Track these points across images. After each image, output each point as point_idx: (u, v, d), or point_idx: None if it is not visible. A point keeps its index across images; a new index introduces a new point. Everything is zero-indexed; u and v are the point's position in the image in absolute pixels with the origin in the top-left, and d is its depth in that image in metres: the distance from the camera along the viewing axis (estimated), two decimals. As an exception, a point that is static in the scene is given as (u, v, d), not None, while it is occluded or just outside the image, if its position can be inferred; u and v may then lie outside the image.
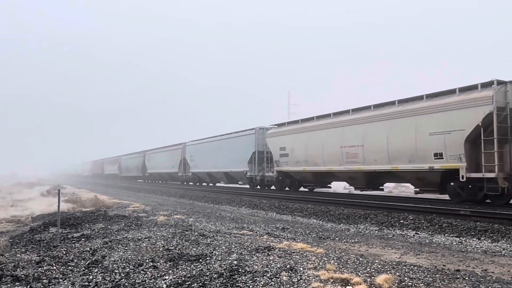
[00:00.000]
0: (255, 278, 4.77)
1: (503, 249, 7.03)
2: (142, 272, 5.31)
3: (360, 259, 5.85)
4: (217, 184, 33.14)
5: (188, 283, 4.76)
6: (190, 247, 6.72)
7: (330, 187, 21.89)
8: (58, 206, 8.62)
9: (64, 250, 6.86)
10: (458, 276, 4.87)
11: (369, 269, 5.18)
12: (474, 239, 7.98)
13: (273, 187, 24.30)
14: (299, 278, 4.73)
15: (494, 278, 4.83)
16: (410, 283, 4.50)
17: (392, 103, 15.76)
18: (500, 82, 12.40)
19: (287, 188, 23.05)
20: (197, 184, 34.98)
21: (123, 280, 4.99)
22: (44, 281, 5.09)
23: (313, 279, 4.66)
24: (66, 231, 9.11)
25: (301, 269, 5.13)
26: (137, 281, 4.93)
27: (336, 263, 5.49)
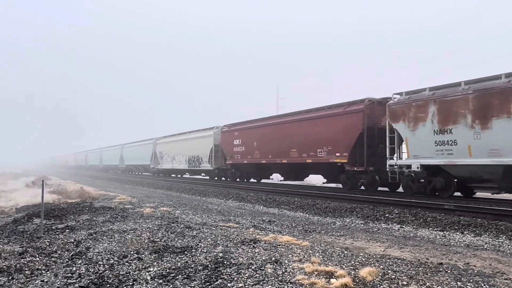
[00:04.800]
0: (240, 270, 4.77)
1: (485, 243, 7.14)
2: (126, 263, 5.28)
3: (345, 252, 5.89)
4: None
5: (172, 275, 4.74)
6: (176, 239, 6.69)
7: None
8: (42, 197, 8.52)
9: (47, 241, 6.79)
10: (441, 269, 4.93)
11: (353, 262, 5.22)
12: (458, 233, 8.10)
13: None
14: (284, 270, 4.74)
15: (475, 271, 4.90)
16: (393, 276, 4.54)
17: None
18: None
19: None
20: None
21: (107, 271, 4.96)
22: (27, 272, 5.03)
23: (297, 272, 4.68)
24: (50, 222, 9.00)
25: (286, 261, 5.14)
26: (121, 272, 4.90)
27: (321, 256, 5.52)
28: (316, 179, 26.33)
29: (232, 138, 25.59)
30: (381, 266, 4.98)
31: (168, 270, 4.91)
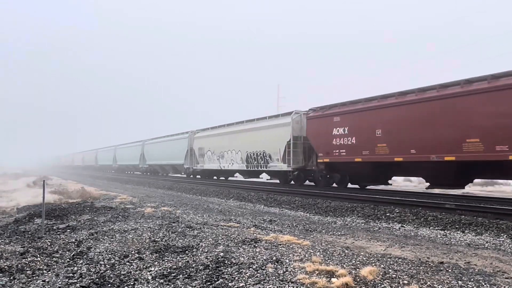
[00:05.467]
0: (241, 270, 4.77)
1: (486, 242, 7.14)
2: (127, 263, 5.29)
3: (346, 251, 5.89)
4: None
5: (173, 274, 4.75)
6: (177, 238, 6.70)
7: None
8: (43, 197, 8.53)
9: (48, 241, 6.80)
10: (442, 268, 4.93)
11: (354, 261, 5.22)
12: (459, 232, 8.10)
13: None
14: (284, 270, 4.75)
15: (476, 270, 4.91)
16: (394, 275, 4.55)
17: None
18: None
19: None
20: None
21: (108, 271, 4.96)
22: (28, 272, 5.04)
23: (298, 271, 4.68)
24: (51, 222, 9.01)
25: (287, 261, 5.15)
26: (122, 272, 4.91)
27: (322, 255, 5.53)
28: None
29: (330, 126, 17.61)
30: (382, 265, 4.98)
31: (169, 270, 4.92)
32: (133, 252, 5.83)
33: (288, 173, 20.82)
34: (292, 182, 21.64)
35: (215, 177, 30.64)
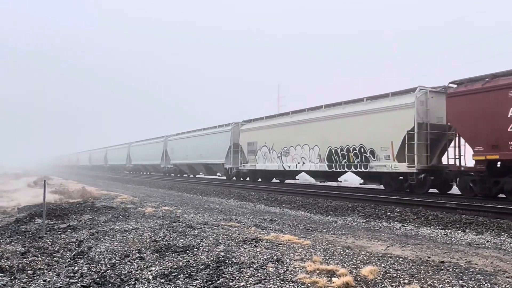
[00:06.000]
0: (241, 269, 4.78)
1: (487, 241, 7.14)
2: (128, 263, 5.29)
3: (347, 250, 5.89)
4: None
5: (174, 274, 4.75)
6: (178, 238, 6.70)
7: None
8: (44, 197, 8.54)
9: (49, 241, 6.81)
10: (442, 267, 4.93)
11: (355, 261, 5.22)
12: (459, 231, 8.09)
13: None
14: (285, 269, 4.75)
15: (477, 269, 4.90)
16: (395, 275, 4.54)
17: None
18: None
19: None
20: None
21: (109, 271, 4.97)
22: (29, 272, 5.05)
23: (299, 271, 4.68)
24: (52, 222, 9.02)
25: (288, 260, 5.15)
26: (123, 272, 4.91)
27: (322, 255, 5.52)
28: None
29: (502, 105, 11.56)
30: (383, 265, 4.98)
31: (170, 269, 4.92)
32: (133, 251, 5.84)
33: (410, 175, 14.28)
34: (408, 190, 14.98)
35: (265, 178, 24.81)
